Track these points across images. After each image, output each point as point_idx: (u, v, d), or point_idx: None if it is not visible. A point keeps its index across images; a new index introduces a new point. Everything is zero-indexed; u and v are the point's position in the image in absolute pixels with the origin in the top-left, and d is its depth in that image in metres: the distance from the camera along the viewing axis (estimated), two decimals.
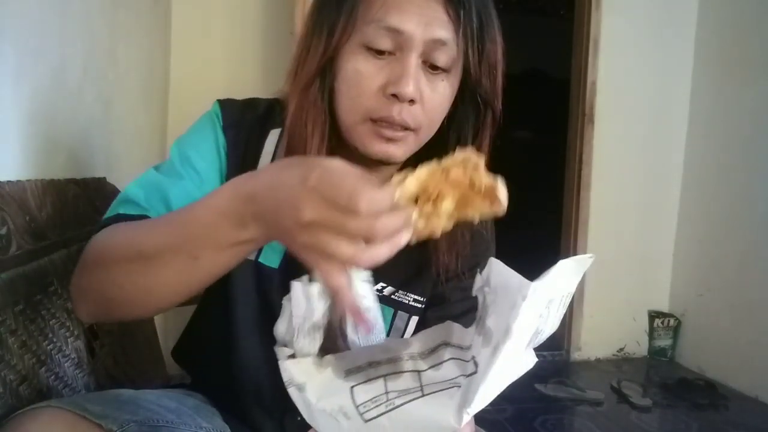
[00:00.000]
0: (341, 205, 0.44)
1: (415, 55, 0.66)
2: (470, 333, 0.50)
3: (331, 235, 0.45)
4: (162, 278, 0.56)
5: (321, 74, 0.69)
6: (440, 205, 0.48)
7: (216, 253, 0.53)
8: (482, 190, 0.48)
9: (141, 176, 0.73)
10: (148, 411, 0.62)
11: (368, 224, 0.45)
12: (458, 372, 0.48)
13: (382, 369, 0.50)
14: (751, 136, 2.44)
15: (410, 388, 0.48)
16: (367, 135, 0.68)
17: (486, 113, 0.73)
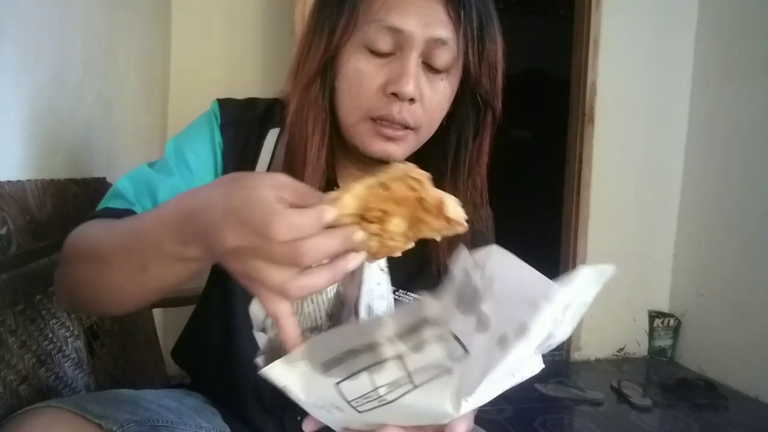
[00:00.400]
0: (257, 230, 0.41)
1: (416, 54, 0.66)
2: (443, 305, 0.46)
3: (260, 262, 0.43)
4: (116, 282, 0.56)
5: (322, 73, 0.69)
6: (389, 225, 0.44)
7: (162, 267, 0.51)
8: (431, 209, 0.43)
9: (133, 170, 0.73)
10: (148, 411, 0.62)
11: (291, 250, 0.41)
12: (443, 352, 0.45)
13: (362, 359, 0.45)
14: (751, 136, 2.44)
15: (398, 380, 0.45)
16: (367, 134, 0.69)
17: (486, 113, 0.73)
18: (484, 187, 0.78)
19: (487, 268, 0.43)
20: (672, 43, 2.72)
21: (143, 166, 0.73)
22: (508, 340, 0.42)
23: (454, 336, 0.45)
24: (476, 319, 0.44)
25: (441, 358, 0.45)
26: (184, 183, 0.71)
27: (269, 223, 0.41)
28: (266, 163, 0.75)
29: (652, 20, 2.69)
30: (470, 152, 0.75)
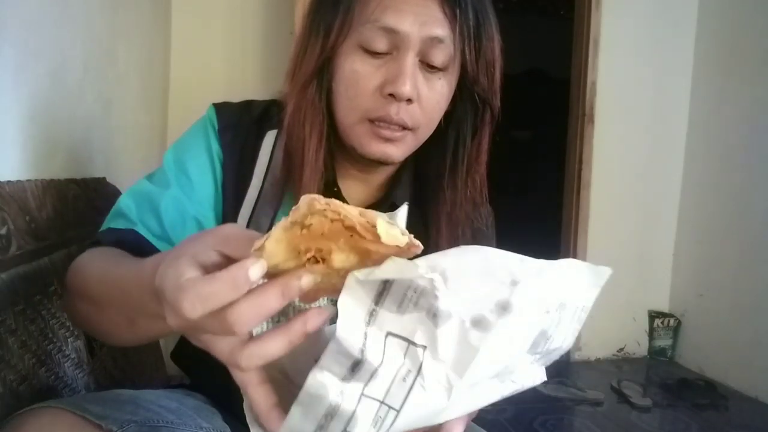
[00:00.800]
0: (174, 311, 0.37)
1: (412, 54, 0.66)
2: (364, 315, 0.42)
3: (204, 335, 0.40)
4: (111, 327, 0.59)
5: (318, 74, 0.69)
6: (332, 262, 0.39)
7: (150, 321, 0.50)
8: (365, 234, 0.38)
9: (133, 186, 0.73)
10: (148, 411, 0.62)
11: (217, 322, 0.37)
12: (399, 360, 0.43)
13: (333, 428, 0.42)
14: (751, 135, 2.44)
15: (377, 413, 0.42)
16: (365, 135, 0.69)
17: (484, 111, 0.73)
18: (483, 185, 0.77)
19: (442, 267, 0.41)
20: (672, 43, 2.72)
21: (143, 180, 0.74)
22: (485, 319, 0.41)
23: (398, 336, 0.42)
24: (429, 316, 0.42)
25: (402, 368, 0.43)
26: (183, 194, 0.71)
27: (178, 300, 0.36)
28: (264, 164, 0.74)
29: (652, 20, 2.69)
30: (469, 151, 0.75)
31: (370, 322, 0.42)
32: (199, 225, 0.72)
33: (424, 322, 0.42)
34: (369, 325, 0.42)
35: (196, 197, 0.72)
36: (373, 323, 0.42)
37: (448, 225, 0.75)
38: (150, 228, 0.69)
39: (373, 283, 0.41)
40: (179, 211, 0.71)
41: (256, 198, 0.73)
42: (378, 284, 0.42)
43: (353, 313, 0.42)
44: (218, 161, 0.74)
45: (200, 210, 0.72)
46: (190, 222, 0.71)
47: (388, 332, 0.42)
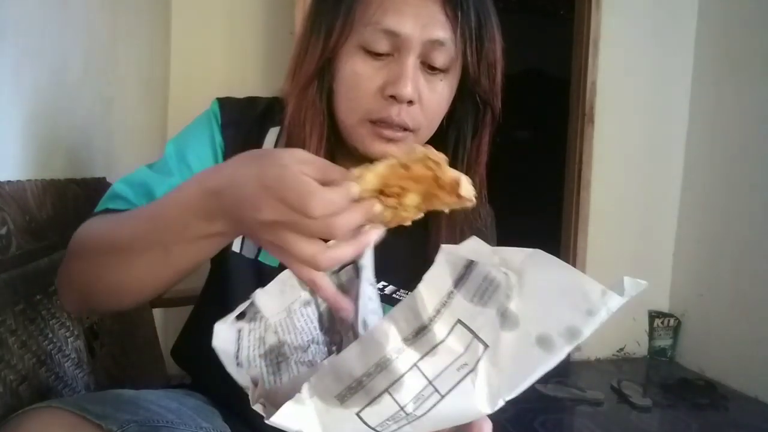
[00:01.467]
0: (294, 206, 0.44)
1: (413, 56, 0.66)
2: (444, 293, 0.45)
3: (292, 234, 0.46)
4: (135, 271, 0.57)
5: (319, 75, 0.69)
6: (405, 199, 0.48)
7: (187, 246, 0.53)
8: (446, 186, 0.47)
9: (132, 173, 0.73)
10: (148, 411, 0.62)
11: (325, 224, 0.45)
12: (459, 349, 0.44)
13: (378, 382, 0.43)
14: (751, 135, 2.44)
15: (422, 390, 0.43)
16: (366, 136, 0.69)
17: (485, 112, 0.73)
18: (483, 185, 0.77)
19: (518, 268, 0.42)
20: (672, 43, 2.72)
21: (142, 168, 0.73)
22: (552, 341, 0.41)
23: (466, 327, 0.44)
24: (498, 315, 0.43)
25: (460, 358, 0.44)
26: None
27: (306, 200, 0.44)
28: None
29: (652, 20, 2.69)
30: (468, 151, 0.75)
31: (446, 303, 0.44)
32: None
33: (492, 320, 0.43)
34: (444, 306, 0.44)
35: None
36: (448, 305, 0.44)
37: (448, 225, 0.75)
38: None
39: (456, 264, 0.44)
40: None
41: None
42: (460, 268, 0.44)
43: (434, 285, 0.45)
44: (221, 153, 0.74)
45: None
46: None
47: (458, 319, 0.44)
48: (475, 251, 0.43)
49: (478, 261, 0.43)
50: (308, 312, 0.57)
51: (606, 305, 0.40)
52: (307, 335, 0.58)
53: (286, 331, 0.57)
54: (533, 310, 0.42)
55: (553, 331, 0.42)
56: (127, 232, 0.57)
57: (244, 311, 0.55)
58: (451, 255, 0.44)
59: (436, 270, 0.45)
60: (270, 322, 0.56)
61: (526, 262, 0.42)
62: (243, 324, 0.54)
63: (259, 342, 0.55)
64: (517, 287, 0.42)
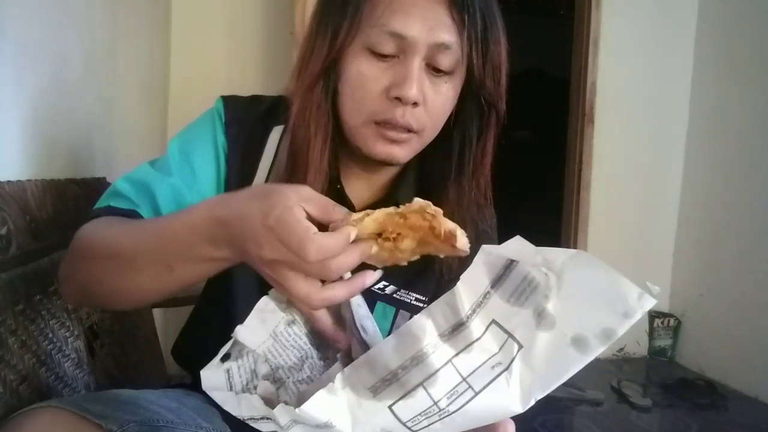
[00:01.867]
0: (293, 249, 0.47)
1: (419, 58, 0.66)
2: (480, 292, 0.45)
3: (291, 272, 0.49)
4: (138, 281, 0.59)
5: (324, 75, 0.69)
6: (400, 244, 0.50)
7: (191, 266, 0.55)
8: (441, 236, 0.49)
9: (134, 170, 0.73)
10: (148, 411, 0.62)
11: (320, 266, 0.47)
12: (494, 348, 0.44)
13: (413, 375, 0.43)
14: (751, 135, 2.44)
15: (456, 387, 0.43)
16: (370, 137, 0.69)
17: (490, 114, 0.73)
18: (488, 187, 0.78)
19: (559, 268, 0.43)
20: (672, 43, 2.72)
21: (144, 165, 0.74)
22: (588, 342, 0.42)
23: (501, 327, 0.44)
24: (535, 315, 0.43)
25: (494, 357, 0.44)
26: (183, 184, 0.72)
27: (303, 246, 0.46)
28: (270, 159, 0.75)
29: (652, 20, 2.69)
30: (474, 153, 0.75)
31: (482, 303, 0.45)
32: None
33: (528, 321, 0.44)
34: (480, 306, 0.45)
35: (196, 187, 0.72)
36: (484, 305, 0.45)
37: None
38: (147, 213, 0.69)
39: (495, 264, 0.45)
40: (176, 200, 0.71)
41: None
42: (499, 268, 0.45)
43: (472, 285, 0.45)
44: (223, 153, 0.74)
45: (199, 199, 0.72)
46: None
47: (493, 319, 0.45)
48: (517, 251, 0.44)
49: (519, 261, 0.44)
50: (294, 330, 0.57)
51: (642, 307, 0.41)
52: (298, 352, 0.58)
53: (276, 355, 0.57)
54: (571, 311, 0.43)
55: (589, 332, 0.42)
56: (134, 245, 0.59)
57: (229, 352, 0.55)
58: (490, 255, 0.45)
59: (474, 270, 0.45)
60: (258, 352, 0.56)
61: (568, 263, 0.43)
62: (230, 364, 0.54)
63: (251, 375, 0.55)
64: (556, 288, 0.43)
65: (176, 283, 0.58)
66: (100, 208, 0.69)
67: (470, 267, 0.45)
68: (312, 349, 0.58)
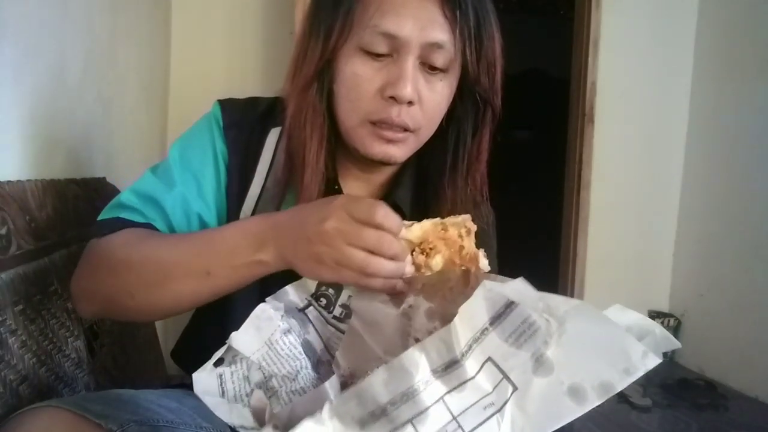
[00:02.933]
0: (361, 217, 0.53)
1: (412, 57, 0.66)
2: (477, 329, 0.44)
3: (346, 244, 0.53)
4: (174, 291, 0.62)
5: (319, 77, 0.69)
6: (431, 260, 0.56)
7: (229, 271, 0.59)
8: (467, 257, 0.55)
9: (138, 181, 0.74)
10: (148, 411, 0.62)
11: (379, 236, 0.53)
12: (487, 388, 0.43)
13: (403, 412, 0.42)
14: (752, 135, 2.44)
15: (446, 425, 0.43)
16: (367, 137, 0.69)
17: (485, 110, 0.73)
18: (484, 183, 0.78)
19: (561, 316, 0.42)
20: (672, 43, 2.72)
21: (147, 174, 0.74)
22: (585, 393, 0.42)
23: (497, 366, 0.43)
24: (533, 359, 0.43)
25: (487, 397, 0.43)
26: (188, 192, 0.72)
27: (374, 209, 0.54)
28: (268, 161, 0.75)
29: (652, 20, 2.69)
30: (469, 149, 0.75)
31: (479, 339, 0.44)
32: (201, 221, 0.73)
33: (525, 364, 0.43)
34: (477, 342, 0.44)
35: (200, 194, 0.73)
36: (481, 341, 0.44)
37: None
38: (160, 226, 0.70)
39: (496, 302, 0.44)
40: (184, 210, 0.72)
41: (259, 194, 0.74)
42: (500, 306, 0.44)
43: (470, 319, 0.44)
44: (221, 158, 0.74)
45: (203, 206, 0.73)
46: (194, 219, 0.73)
47: (489, 357, 0.44)
48: (519, 293, 0.43)
49: (519, 303, 0.43)
50: (290, 339, 0.57)
51: (645, 366, 0.42)
52: (293, 361, 0.57)
53: (270, 363, 0.56)
54: (570, 360, 0.42)
55: (587, 383, 0.42)
56: (173, 254, 0.62)
57: (222, 357, 0.55)
58: (491, 292, 0.44)
59: (473, 304, 0.45)
60: (252, 359, 0.56)
61: (571, 313, 0.43)
62: (223, 369, 0.54)
63: (244, 382, 0.55)
64: (557, 335, 0.42)
65: (209, 290, 0.62)
66: (110, 219, 0.70)
67: (469, 300, 0.44)
68: (306, 360, 0.58)
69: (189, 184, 0.73)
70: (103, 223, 0.70)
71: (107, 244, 0.66)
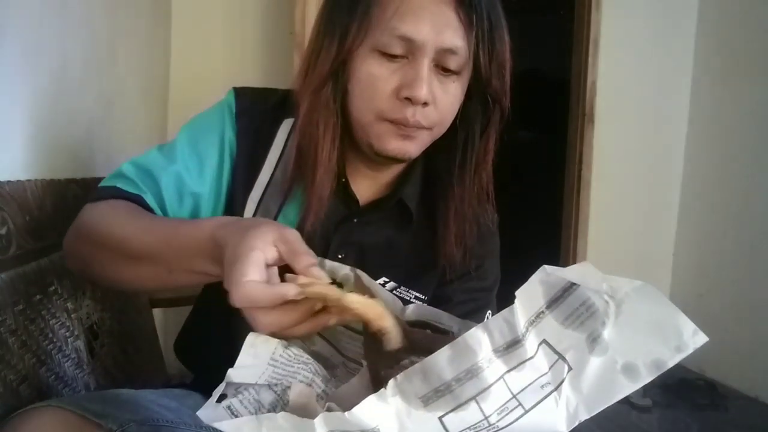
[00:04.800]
0: (228, 287, 0.50)
1: (427, 60, 0.67)
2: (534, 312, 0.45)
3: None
4: (138, 274, 0.64)
5: (333, 76, 0.70)
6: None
7: (188, 275, 0.60)
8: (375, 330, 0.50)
9: (142, 155, 0.75)
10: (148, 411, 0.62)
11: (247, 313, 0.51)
12: (544, 368, 0.45)
13: (467, 388, 0.43)
14: (751, 135, 2.44)
15: (507, 403, 0.43)
16: (383, 134, 0.70)
17: (494, 110, 0.74)
18: (489, 182, 0.79)
19: (620, 297, 0.44)
20: (672, 43, 2.72)
21: (153, 150, 0.76)
22: (638, 370, 0.43)
23: (551, 348, 0.44)
24: (589, 340, 0.44)
25: (543, 377, 0.44)
26: (186, 171, 0.73)
27: (231, 287, 0.49)
28: (278, 151, 0.76)
29: (652, 20, 2.69)
30: (477, 149, 0.76)
31: (534, 322, 0.45)
32: (195, 201, 0.74)
33: (580, 344, 0.44)
34: (533, 324, 0.45)
35: (200, 175, 0.74)
36: (536, 324, 0.45)
37: (456, 221, 0.76)
38: (151, 200, 0.72)
39: (553, 285, 0.45)
40: (177, 188, 0.73)
41: (267, 183, 0.75)
42: (558, 289, 0.45)
43: (527, 302, 0.45)
44: (228, 146, 0.75)
45: (201, 187, 0.74)
46: (187, 198, 0.74)
47: (544, 339, 0.45)
48: (582, 275, 0.44)
49: (580, 285, 0.44)
50: (293, 351, 0.56)
51: (695, 343, 0.44)
52: (305, 366, 0.57)
53: (280, 377, 0.55)
54: (625, 339, 0.44)
55: (640, 360, 0.43)
56: (139, 244, 0.63)
57: (224, 393, 0.52)
58: (550, 276, 0.45)
59: (530, 288, 0.45)
60: (260, 383, 0.54)
61: (630, 294, 0.44)
62: (230, 401, 0.52)
63: (257, 405, 0.53)
64: (614, 316, 0.44)
65: (172, 284, 0.63)
66: (107, 187, 0.72)
67: (526, 284, 0.45)
68: (317, 364, 0.58)
69: (190, 164, 0.74)
70: (100, 189, 0.72)
71: (93, 210, 0.69)
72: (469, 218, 0.77)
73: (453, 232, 0.76)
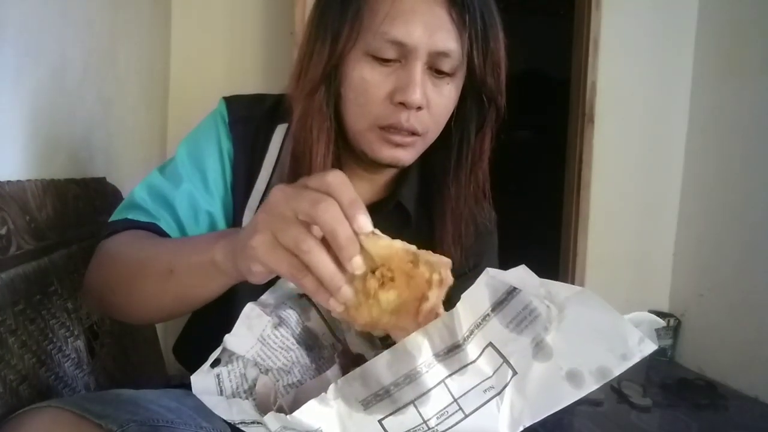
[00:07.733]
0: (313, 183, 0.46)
1: (420, 63, 0.66)
2: (479, 315, 0.45)
3: (284, 209, 0.45)
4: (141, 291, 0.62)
5: (325, 80, 0.69)
6: (383, 294, 0.46)
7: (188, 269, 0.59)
8: (422, 312, 0.45)
9: (147, 179, 0.74)
10: (148, 411, 0.62)
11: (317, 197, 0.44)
12: (488, 372, 0.44)
13: (405, 393, 0.43)
14: (752, 135, 2.44)
15: (447, 407, 0.44)
16: (375, 141, 0.69)
17: (490, 109, 0.74)
18: (486, 180, 0.78)
19: (561, 302, 0.43)
20: (672, 43, 2.72)
21: (155, 173, 0.75)
22: (582, 377, 0.43)
23: (497, 351, 0.44)
24: (533, 344, 0.44)
25: (487, 381, 0.44)
26: (195, 189, 0.73)
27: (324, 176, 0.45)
28: (274, 157, 0.76)
29: (652, 20, 2.69)
30: (473, 147, 0.76)
31: (480, 325, 0.45)
32: (211, 218, 0.74)
33: (525, 349, 0.44)
34: (478, 327, 0.45)
35: (207, 190, 0.74)
36: (482, 327, 0.45)
37: (453, 220, 0.76)
38: (168, 224, 0.71)
39: (497, 288, 0.44)
40: (192, 206, 0.72)
41: (264, 190, 0.75)
42: (501, 293, 0.44)
43: (472, 305, 0.45)
44: (227, 155, 0.75)
45: (211, 202, 0.74)
46: (202, 216, 0.73)
47: (490, 342, 0.45)
48: (521, 279, 0.44)
49: (521, 289, 0.44)
50: (281, 332, 0.58)
51: (641, 352, 0.42)
52: (286, 353, 0.58)
53: (265, 357, 0.57)
54: (569, 345, 0.43)
55: (585, 368, 0.43)
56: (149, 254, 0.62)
57: (219, 357, 0.55)
58: (494, 279, 0.44)
59: (475, 291, 0.45)
60: (247, 357, 0.56)
61: (571, 299, 0.43)
62: (220, 369, 0.54)
63: (242, 379, 0.55)
64: (557, 321, 0.43)
65: (173, 291, 0.59)
66: (118, 221, 0.71)
67: (472, 287, 0.45)
68: (300, 349, 0.59)
69: (196, 181, 0.73)
70: (111, 224, 0.71)
71: (110, 243, 0.68)
72: (465, 218, 0.77)
73: (450, 232, 0.75)
